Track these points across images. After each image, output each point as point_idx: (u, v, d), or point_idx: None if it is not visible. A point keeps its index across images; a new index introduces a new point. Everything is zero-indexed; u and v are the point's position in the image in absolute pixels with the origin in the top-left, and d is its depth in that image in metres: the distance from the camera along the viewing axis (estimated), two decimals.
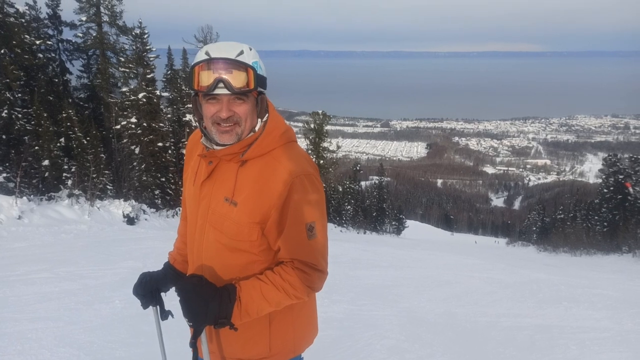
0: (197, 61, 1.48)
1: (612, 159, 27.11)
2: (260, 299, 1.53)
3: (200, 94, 1.53)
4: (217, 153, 1.57)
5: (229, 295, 1.49)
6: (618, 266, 14.14)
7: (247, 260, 1.59)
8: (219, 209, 1.58)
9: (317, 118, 32.77)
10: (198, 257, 1.68)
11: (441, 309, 6.04)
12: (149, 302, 1.85)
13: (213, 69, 1.45)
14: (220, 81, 1.44)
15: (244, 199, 1.54)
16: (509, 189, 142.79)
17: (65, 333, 4.04)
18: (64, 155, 14.43)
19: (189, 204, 1.74)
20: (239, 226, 1.55)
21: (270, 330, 1.65)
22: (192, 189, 1.71)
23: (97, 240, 9.05)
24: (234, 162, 1.58)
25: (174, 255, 1.99)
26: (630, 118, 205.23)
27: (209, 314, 1.46)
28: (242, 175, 1.56)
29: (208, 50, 1.49)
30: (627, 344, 4.87)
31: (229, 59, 1.45)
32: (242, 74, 1.46)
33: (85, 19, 20.58)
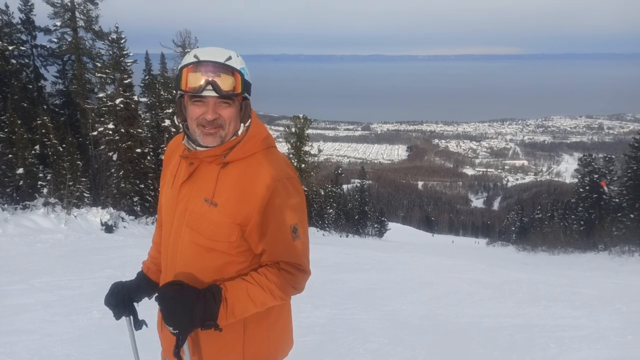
0: (186, 63, 1.50)
1: (587, 159, 27.73)
2: (246, 299, 1.53)
3: (187, 95, 1.54)
4: (199, 154, 1.58)
5: (213, 297, 1.49)
6: (595, 264, 14.44)
7: (224, 261, 1.59)
8: (197, 210, 1.58)
9: (298, 122, 32.80)
10: (172, 259, 1.66)
11: (423, 311, 6.08)
12: (121, 313, 1.81)
13: (202, 71, 1.47)
14: (210, 83, 1.46)
15: (225, 200, 1.55)
16: (488, 190, 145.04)
17: (40, 346, 3.94)
18: (39, 163, 14.11)
19: (166, 207, 1.73)
20: (218, 227, 1.55)
21: (245, 337, 1.64)
22: (170, 192, 1.70)
23: (74, 250, 8.86)
24: (215, 164, 1.59)
25: (148, 264, 1.95)
26: (604, 119, 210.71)
27: (194, 318, 1.45)
28: (223, 177, 1.57)
29: (197, 53, 1.51)
30: (604, 341, 4.96)
31: (218, 62, 1.48)
32: (230, 78, 1.49)
33: (60, 24, 20.21)
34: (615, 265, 13.59)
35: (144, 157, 18.08)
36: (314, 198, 34.78)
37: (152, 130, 20.80)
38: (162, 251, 1.74)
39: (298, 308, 5.47)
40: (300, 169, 31.87)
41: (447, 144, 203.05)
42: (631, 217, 21.02)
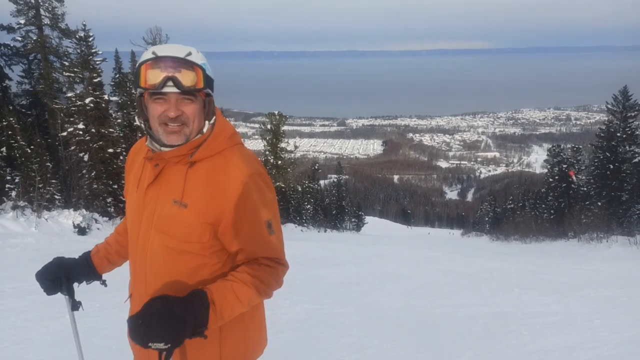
0: (143, 59, 1.46)
1: (556, 150, 28.47)
2: (233, 299, 1.47)
3: (147, 93, 1.49)
4: (165, 155, 1.53)
5: (201, 302, 1.42)
6: (565, 251, 14.86)
7: (197, 263, 1.55)
8: (166, 212, 1.54)
9: (274, 119, 32.65)
10: (142, 265, 1.61)
11: (400, 302, 6.17)
12: (56, 289, 1.75)
13: (161, 67, 1.42)
14: (170, 79, 1.42)
15: (195, 200, 1.51)
16: (462, 182, 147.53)
17: (10, 354, 3.84)
18: (6, 165, 13.71)
19: (132, 212, 1.67)
20: (190, 227, 1.51)
21: (221, 339, 1.60)
22: (135, 196, 1.64)
23: (46, 253, 8.65)
24: (182, 164, 1.55)
25: (100, 247, 1.91)
26: (571, 110, 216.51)
27: (186, 328, 1.37)
28: (191, 177, 1.53)
29: (155, 50, 1.47)
30: (574, 327, 5.13)
31: (178, 57, 1.44)
32: (191, 73, 1.45)
33: (23, 21, 19.56)
34: (584, 252, 14.02)
35: (117, 157, 17.73)
36: (291, 194, 34.74)
37: (124, 130, 20.39)
38: (130, 257, 1.68)
39: (276, 304, 5.49)
40: (276, 165, 31.79)
41: (422, 138, 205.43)
42: (599, 205, 21.72)
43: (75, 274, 1.80)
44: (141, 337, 1.34)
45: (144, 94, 1.51)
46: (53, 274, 1.74)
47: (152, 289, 1.55)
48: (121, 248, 1.89)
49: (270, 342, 1.87)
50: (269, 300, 1.83)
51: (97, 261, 1.85)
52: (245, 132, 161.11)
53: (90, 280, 1.85)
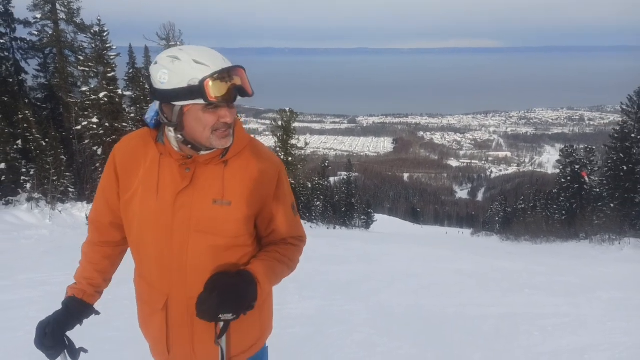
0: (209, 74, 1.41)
1: (569, 150, 28.17)
2: (272, 275, 1.62)
3: (195, 105, 1.46)
4: (199, 158, 1.56)
5: (249, 278, 1.55)
6: (576, 252, 14.71)
7: (242, 254, 1.65)
8: (207, 213, 1.56)
9: (285, 115, 32.67)
10: (180, 269, 1.59)
11: (409, 301, 6.16)
12: (59, 351, 1.70)
13: (225, 78, 1.43)
14: (237, 89, 1.46)
15: (238, 196, 1.58)
16: (473, 181, 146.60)
17: (24, 343, 3.88)
18: (21, 157, 13.87)
19: (151, 223, 1.59)
20: (238, 223, 1.59)
21: (261, 316, 1.76)
22: (156, 203, 1.58)
23: (60, 245, 8.77)
24: (214, 165, 1.58)
25: (83, 287, 1.76)
26: (585, 110, 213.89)
27: (248, 301, 1.52)
28: (228, 175, 1.58)
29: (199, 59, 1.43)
30: (585, 328, 5.09)
31: (238, 66, 1.48)
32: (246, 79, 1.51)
33: (40, 16, 19.77)
34: (596, 254, 13.86)
35: None
36: (302, 191, 34.79)
37: (136, 124, 20.55)
38: (158, 267, 1.63)
39: (286, 300, 5.52)
40: (287, 162, 31.81)
41: (432, 136, 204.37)
42: (611, 207, 21.46)
43: (67, 326, 1.72)
44: (214, 310, 1.46)
45: (184, 107, 1.47)
46: (54, 339, 1.68)
47: (196, 290, 1.53)
48: (105, 274, 1.82)
49: (279, 337, 1.96)
50: (278, 294, 1.94)
51: (88, 299, 1.77)
52: (256, 128, 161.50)
53: (82, 320, 1.78)
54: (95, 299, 1.80)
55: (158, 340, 1.72)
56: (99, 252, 1.80)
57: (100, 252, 1.81)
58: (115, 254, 1.83)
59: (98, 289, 1.80)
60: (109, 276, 1.85)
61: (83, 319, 1.77)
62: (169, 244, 1.59)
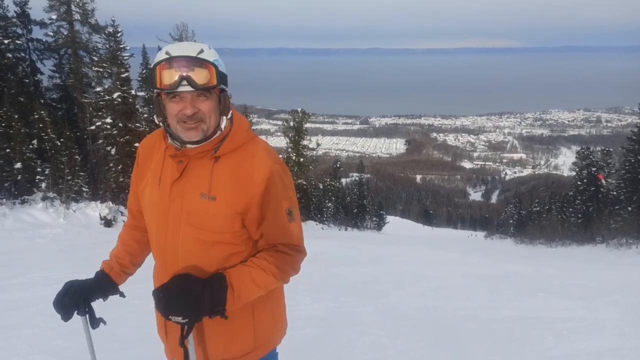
0: (157, 60, 1.50)
1: (585, 152, 27.76)
2: (250, 283, 1.57)
3: (163, 93, 1.54)
4: (189, 152, 1.59)
5: (219, 283, 1.52)
6: (592, 256, 14.48)
7: (229, 252, 1.63)
8: (194, 206, 1.59)
9: (297, 116, 32.68)
10: (173, 259, 1.65)
11: (421, 303, 6.11)
12: (72, 313, 1.75)
13: (175, 67, 1.47)
14: (184, 79, 1.46)
15: (223, 192, 1.57)
16: (486, 183, 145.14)
17: (39, 340, 3.95)
18: (36, 157, 14.05)
19: (154, 210, 1.69)
20: (220, 219, 1.58)
21: (254, 320, 1.69)
22: (158, 193, 1.67)
23: (74, 244, 8.88)
24: (206, 159, 1.61)
25: (111, 264, 1.89)
26: (602, 112, 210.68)
27: (203, 304, 1.47)
28: (217, 171, 1.59)
29: (168, 50, 1.51)
30: (601, 333, 4.99)
31: (190, 56, 1.48)
32: (204, 71, 1.49)
33: (55, 17, 20.05)
34: (613, 258, 13.62)
35: None
36: (313, 192, 34.77)
37: (150, 125, 20.74)
38: (158, 254, 1.72)
39: (296, 301, 5.50)
40: (298, 162, 31.82)
41: (446, 138, 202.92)
42: (629, 210, 21.09)
43: (92, 294, 1.80)
44: (163, 309, 1.47)
45: (160, 94, 1.57)
46: (72, 299, 1.74)
47: None
48: (134, 257, 1.93)
49: (289, 338, 1.91)
50: (289, 295, 1.90)
51: (115, 277, 1.87)
52: (267, 129, 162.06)
53: (109, 295, 1.86)
54: (121, 278, 1.89)
55: (160, 324, 1.78)
56: (131, 235, 1.95)
57: (132, 235, 1.95)
58: (144, 240, 1.91)
59: (125, 269, 1.89)
60: (137, 260, 1.94)
61: (107, 295, 1.85)
62: (164, 233, 1.66)
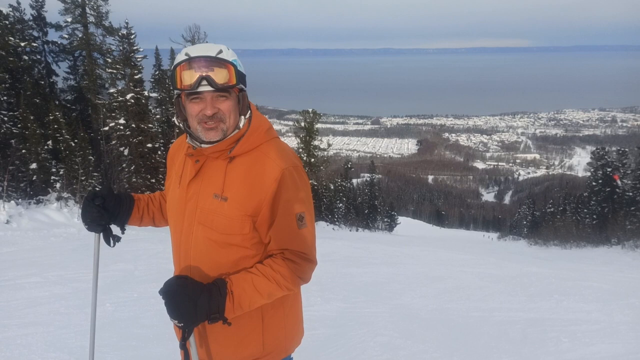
0: (178, 61, 1.51)
1: (600, 152, 27.38)
2: (252, 291, 1.55)
3: (184, 93, 1.55)
4: (205, 151, 1.59)
5: (218, 290, 1.50)
6: (607, 258, 14.28)
7: (239, 255, 1.61)
8: (207, 206, 1.60)
9: (308, 116, 32.71)
10: (185, 257, 1.67)
11: (434, 304, 6.07)
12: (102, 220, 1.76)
13: (195, 67, 1.48)
14: (204, 79, 1.47)
15: (235, 193, 1.57)
16: (499, 184, 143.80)
17: (55, 338, 4.00)
18: (51, 158, 14.25)
19: (173, 208, 1.73)
20: (230, 220, 1.57)
21: (263, 327, 1.67)
22: (178, 191, 1.71)
23: (87, 243, 8.96)
24: (222, 159, 1.61)
25: (143, 198, 1.98)
26: (617, 111, 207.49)
27: (198, 311, 1.46)
28: (231, 171, 1.59)
29: (187, 51, 1.52)
30: (617, 336, 4.92)
31: (209, 56, 1.49)
32: (224, 71, 1.50)
33: (70, 20, 20.31)
34: (628, 260, 13.43)
35: (155, 152, 18.19)
36: (324, 192, 34.76)
37: (162, 126, 20.92)
38: (174, 250, 1.75)
39: (308, 301, 5.49)
40: (309, 163, 31.85)
41: (458, 138, 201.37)
42: None
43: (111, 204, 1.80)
44: (167, 311, 1.49)
45: (181, 95, 1.58)
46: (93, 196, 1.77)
47: (196, 278, 1.59)
48: (150, 210, 1.97)
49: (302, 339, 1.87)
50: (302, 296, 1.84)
51: (131, 203, 1.90)
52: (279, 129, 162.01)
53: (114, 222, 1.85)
54: (132, 209, 1.90)
55: None
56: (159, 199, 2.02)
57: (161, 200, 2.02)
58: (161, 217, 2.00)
59: (140, 204, 1.94)
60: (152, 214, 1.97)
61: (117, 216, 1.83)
62: (180, 230, 1.69)
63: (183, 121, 1.63)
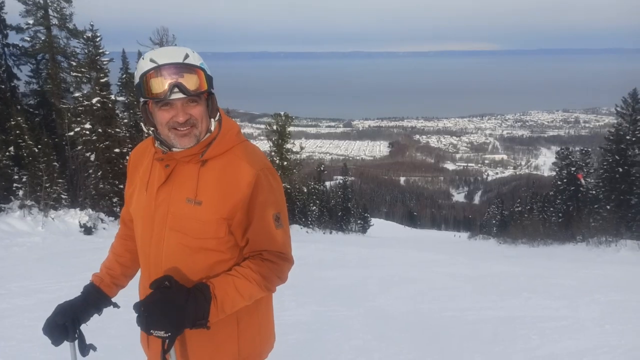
0: (145, 70, 1.46)
1: (565, 152, 28.25)
2: (234, 293, 1.52)
3: (151, 101, 1.50)
4: (176, 155, 1.56)
5: (203, 295, 1.47)
6: (573, 255, 14.72)
7: (214, 260, 1.58)
8: (179, 211, 1.56)
9: (280, 119, 32.64)
10: (156, 265, 1.61)
11: (407, 306, 6.11)
12: (63, 337, 1.66)
13: (164, 75, 1.43)
14: (176, 86, 1.43)
15: (209, 197, 1.54)
16: (469, 185, 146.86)
17: (19, 352, 3.84)
18: (13, 164, 13.75)
19: (140, 215, 1.66)
20: (205, 224, 1.54)
21: (239, 333, 1.64)
22: (145, 198, 1.64)
23: (53, 252, 8.68)
24: (193, 163, 1.57)
25: (102, 275, 1.83)
26: (580, 112, 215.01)
27: (186, 318, 1.42)
28: (204, 175, 1.56)
29: (153, 57, 1.47)
30: (583, 332, 5.06)
31: (178, 63, 1.45)
32: (194, 77, 1.46)
33: (32, 22, 19.71)
34: (593, 256, 13.88)
35: (123, 157, 17.79)
36: (297, 195, 34.72)
37: (130, 130, 20.47)
38: (142, 260, 1.69)
39: (282, 306, 5.45)
40: (282, 166, 31.79)
41: (428, 140, 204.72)
42: (607, 209, 21.50)
43: (84, 313, 1.72)
44: (144, 325, 1.42)
45: (148, 102, 1.53)
46: (64, 316, 1.66)
47: None
48: (125, 269, 1.87)
49: (276, 344, 1.87)
50: (274, 300, 1.85)
51: (106, 288, 1.81)
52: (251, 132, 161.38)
53: (102, 309, 1.79)
54: (112, 290, 1.83)
55: (143, 334, 1.72)
56: (123, 245, 1.88)
57: (124, 245, 1.88)
58: (136, 250, 1.82)
59: (116, 280, 1.84)
60: (129, 272, 1.88)
61: (101, 308, 1.79)
62: (149, 238, 1.63)
63: (152, 128, 1.59)
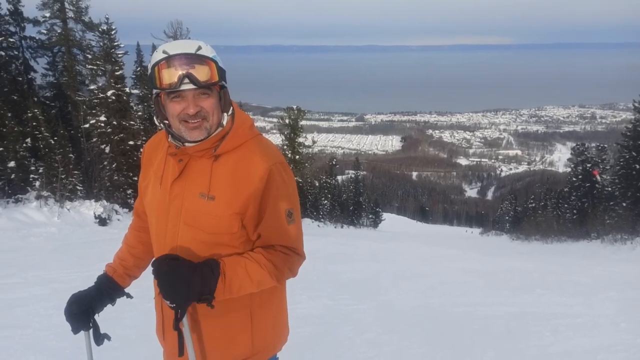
0: (156, 60, 1.45)
1: (580, 148, 27.83)
2: (244, 275, 1.52)
3: (163, 93, 1.50)
4: (188, 150, 1.55)
5: (211, 270, 1.47)
6: (588, 252, 14.55)
7: (228, 254, 1.58)
8: (193, 206, 1.56)
9: (292, 113, 32.64)
10: None
11: (418, 300, 6.10)
12: (80, 326, 1.70)
13: (175, 65, 1.42)
14: (185, 76, 1.42)
15: (222, 192, 1.53)
16: (482, 180, 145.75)
17: (35, 340, 3.91)
18: (30, 156, 13.95)
19: (155, 209, 1.67)
20: (219, 219, 1.54)
21: (252, 325, 1.64)
22: (159, 192, 1.64)
23: (68, 243, 8.81)
24: (206, 158, 1.57)
25: (115, 266, 1.86)
26: (596, 108, 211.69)
27: (191, 291, 1.43)
28: (217, 170, 1.55)
29: (165, 48, 1.47)
30: (598, 329, 5.00)
31: (189, 53, 1.44)
32: (205, 68, 1.45)
33: (49, 15, 19.89)
34: (607, 254, 13.69)
35: (137, 150, 17.93)
36: (309, 189, 34.74)
37: (144, 122, 20.62)
38: (157, 253, 1.69)
39: (294, 299, 5.47)
40: (294, 160, 31.82)
41: (441, 134, 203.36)
42: (623, 206, 21.14)
43: (97, 303, 1.76)
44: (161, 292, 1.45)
45: (160, 94, 1.53)
46: (79, 305, 1.71)
47: None
48: (138, 260, 1.89)
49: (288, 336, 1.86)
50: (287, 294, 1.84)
51: (118, 279, 1.84)
52: (263, 126, 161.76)
53: (116, 299, 1.82)
54: (125, 281, 1.85)
55: (158, 323, 1.75)
56: (136, 237, 1.90)
57: (137, 236, 1.90)
58: (149, 242, 1.83)
59: (129, 271, 1.86)
60: (142, 263, 1.90)
61: (114, 298, 1.82)
62: (164, 232, 1.63)
63: (164, 121, 1.59)
